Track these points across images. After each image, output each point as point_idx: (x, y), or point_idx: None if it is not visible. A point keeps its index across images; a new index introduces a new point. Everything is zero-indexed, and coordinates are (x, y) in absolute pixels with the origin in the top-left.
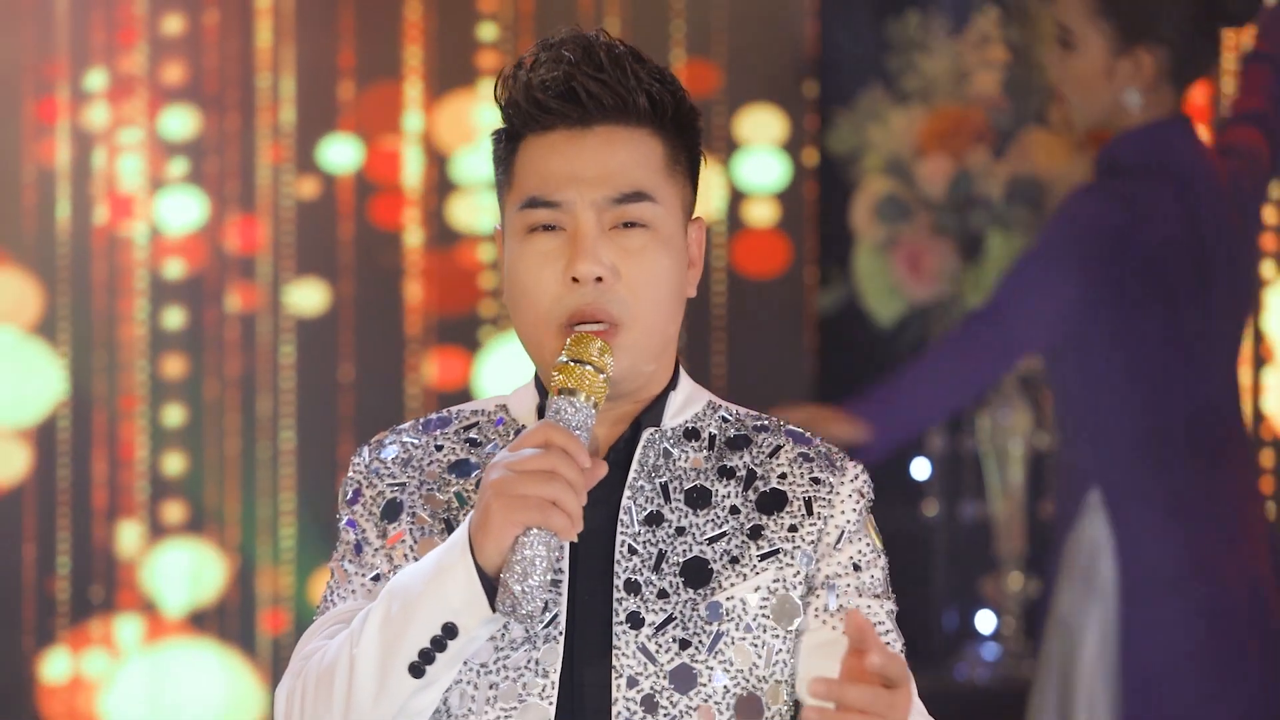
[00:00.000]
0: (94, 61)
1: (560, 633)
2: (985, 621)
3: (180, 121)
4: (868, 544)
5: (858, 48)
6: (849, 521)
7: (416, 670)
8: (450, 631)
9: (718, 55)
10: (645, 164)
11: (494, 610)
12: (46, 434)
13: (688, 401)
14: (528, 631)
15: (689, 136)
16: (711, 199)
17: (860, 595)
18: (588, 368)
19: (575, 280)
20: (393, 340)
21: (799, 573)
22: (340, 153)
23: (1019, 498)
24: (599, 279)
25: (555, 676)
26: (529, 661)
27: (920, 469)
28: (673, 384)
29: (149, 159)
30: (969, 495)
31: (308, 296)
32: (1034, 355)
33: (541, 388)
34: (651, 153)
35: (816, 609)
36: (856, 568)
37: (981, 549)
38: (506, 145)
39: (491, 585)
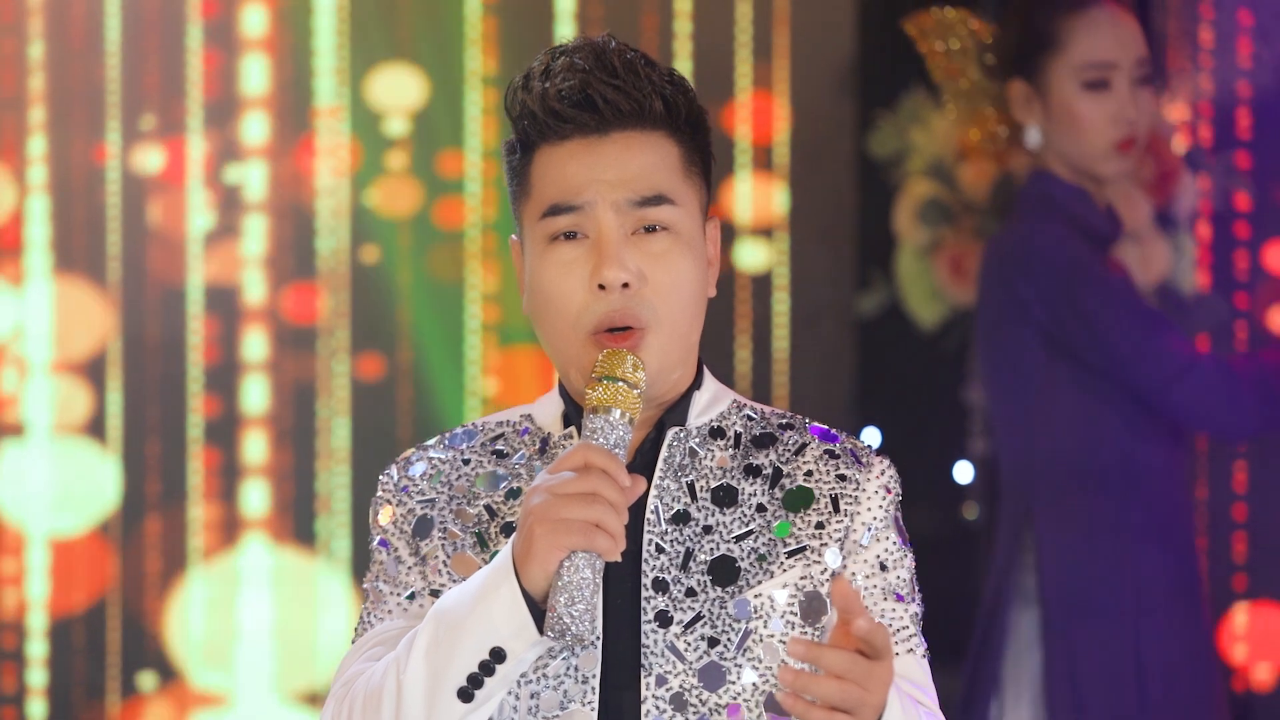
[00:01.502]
0: (147, 107)
1: (597, 637)
2: None
3: (237, 174)
4: (894, 542)
5: (899, 50)
6: (875, 519)
7: (465, 695)
8: (498, 656)
9: (780, 90)
10: (663, 167)
11: (542, 634)
12: (104, 525)
13: (712, 401)
14: (567, 645)
15: (701, 137)
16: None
17: (885, 597)
18: (621, 384)
19: (602, 287)
20: (454, 395)
21: (826, 570)
22: (397, 204)
23: None
24: (625, 285)
25: (595, 682)
26: (568, 669)
27: (963, 472)
28: (696, 383)
29: (204, 211)
30: None
31: (367, 361)
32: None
33: (566, 396)
34: (669, 155)
35: None
36: (883, 567)
37: None
38: (521, 157)
39: (538, 609)
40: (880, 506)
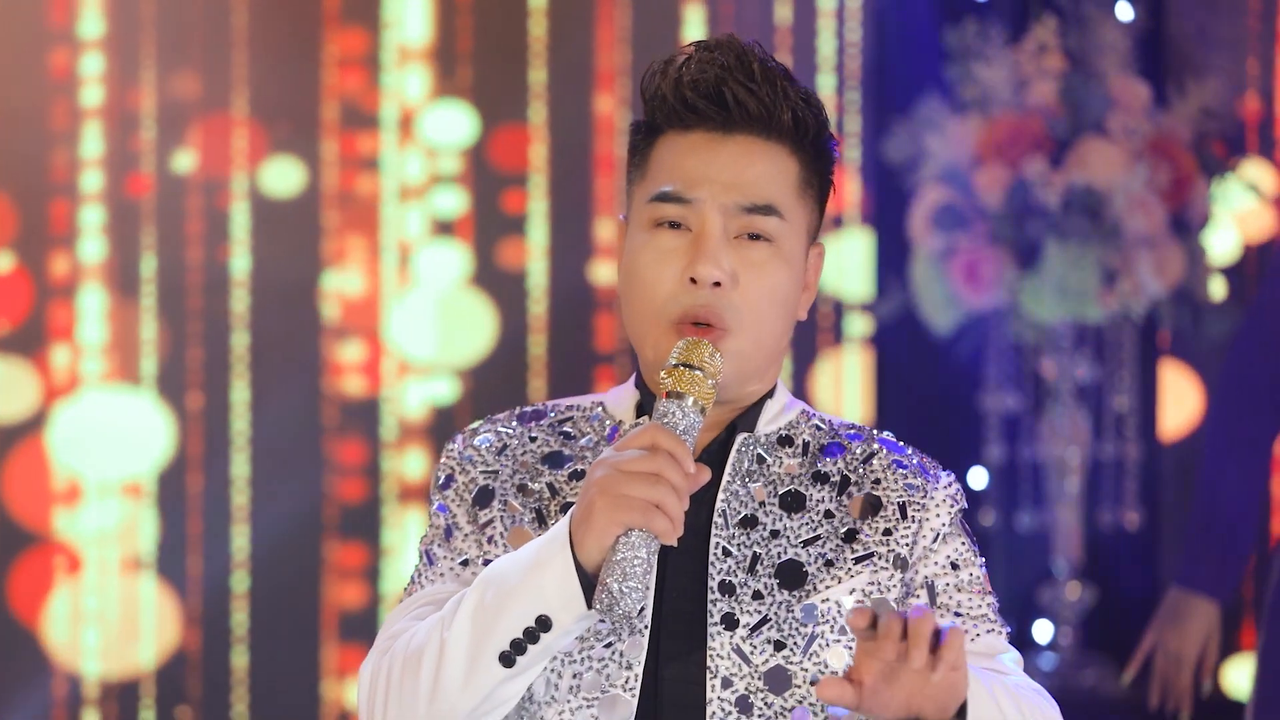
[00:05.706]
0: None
1: (646, 627)
2: (1042, 631)
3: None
4: (964, 544)
5: (915, 56)
6: (943, 524)
7: (507, 659)
8: (544, 624)
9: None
10: (779, 179)
11: (590, 607)
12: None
13: (782, 410)
14: (614, 624)
15: (824, 162)
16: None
17: (960, 591)
18: (698, 372)
19: (693, 281)
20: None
21: (893, 576)
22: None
23: (1077, 507)
24: (717, 284)
25: (639, 669)
26: (613, 653)
27: (977, 478)
28: (769, 394)
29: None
30: (1026, 504)
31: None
32: None
33: (643, 387)
34: (787, 170)
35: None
36: (955, 566)
37: (1039, 558)
38: (645, 137)
39: (588, 582)
40: (948, 513)
